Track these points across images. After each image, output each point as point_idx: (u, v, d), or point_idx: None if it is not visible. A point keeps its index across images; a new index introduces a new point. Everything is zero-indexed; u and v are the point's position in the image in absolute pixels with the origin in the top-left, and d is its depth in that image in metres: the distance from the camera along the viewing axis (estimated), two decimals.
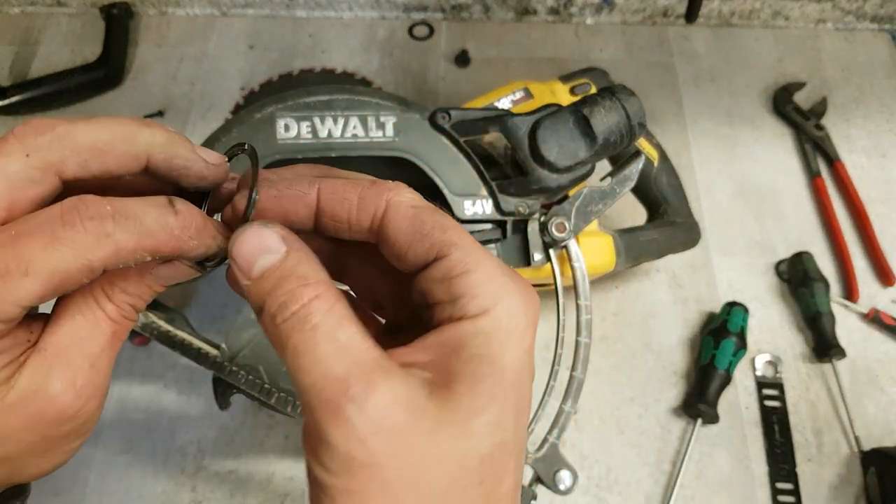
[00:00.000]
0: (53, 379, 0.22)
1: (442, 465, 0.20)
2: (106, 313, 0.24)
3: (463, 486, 0.20)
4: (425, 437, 0.19)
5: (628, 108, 0.45)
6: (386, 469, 0.19)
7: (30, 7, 0.88)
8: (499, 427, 0.20)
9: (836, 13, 0.85)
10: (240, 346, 0.44)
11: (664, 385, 0.63)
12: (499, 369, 0.21)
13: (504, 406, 0.21)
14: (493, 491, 0.21)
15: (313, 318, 0.20)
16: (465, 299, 0.21)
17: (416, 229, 0.22)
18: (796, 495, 0.58)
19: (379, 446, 0.19)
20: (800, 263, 0.67)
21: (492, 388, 0.20)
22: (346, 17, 0.88)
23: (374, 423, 0.19)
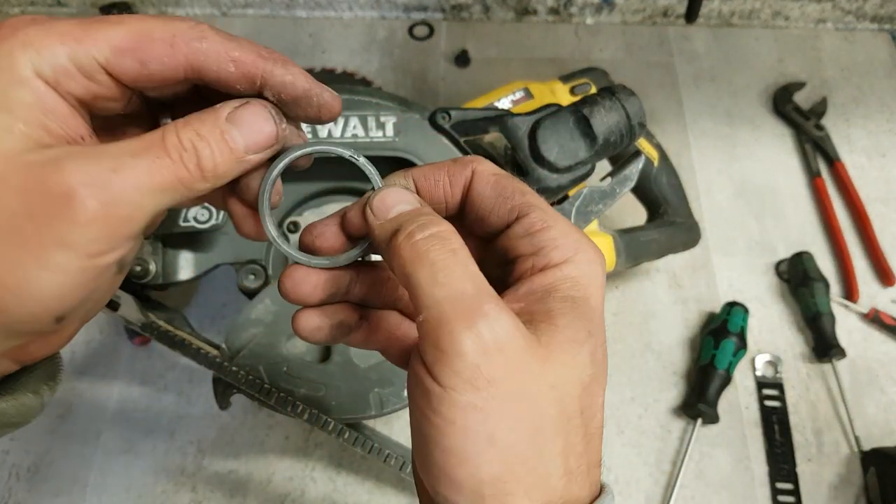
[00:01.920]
0: (71, 160, 0.21)
1: (554, 390, 0.21)
2: (167, 149, 0.22)
3: (569, 414, 0.22)
4: (540, 362, 0.21)
5: (628, 108, 0.45)
6: (507, 385, 0.20)
7: (30, 7, 0.88)
8: (594, 359, 0.22)
9: (836, 13, 0.85)
10: (240, 346, 0.44)
11: (664, 385, 0.63)
12: (591, 308, 0.23)
13: (597, 340, 0.23)
14: (590, 423, 0.23)
15: (453, 243, 0.22)
16: (548, 249, 0.23)
17: (498, 193, 0.25)
18: (796, 495, 0.58)
19: (502, 363, 0.20)
20: (800, 263, 0.67)
21: (589, 324, 0.22)
22: (346, 16, 0.88)
23: (499, 341, 0.20)
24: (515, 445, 0.20)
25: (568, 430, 0.21)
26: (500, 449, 0.20)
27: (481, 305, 0.21)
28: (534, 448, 0.21)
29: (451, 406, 0.20)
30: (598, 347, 0.23)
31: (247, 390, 0.44)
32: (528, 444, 0.20)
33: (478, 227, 0.26)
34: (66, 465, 0.59)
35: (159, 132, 0.22)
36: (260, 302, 0.45)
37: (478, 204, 0.25)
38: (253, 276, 0.47)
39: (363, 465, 0.59)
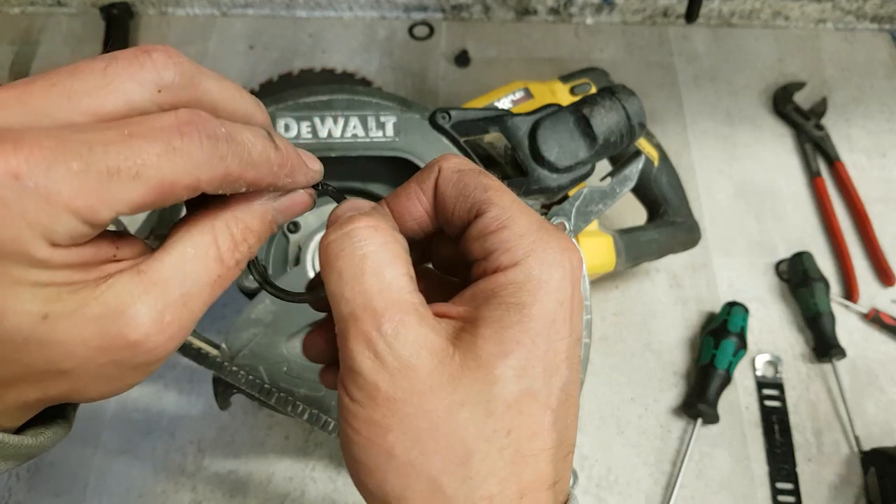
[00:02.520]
0: (143, 305, 0.20)
1: (464, 408, 0.20)
2: (220, 252, 0.22)
3: (489, 432, 0.20)
4: (449, 380, 0.20)
5: (628, 108, 0.45)
6: (407, 405, 0.20)
7: (30, 7, 0.88)
8: (525, 374, 0.20)
9: (836, 13, 0.85)
10: (240, 346, 0.44)
11: (664, 385, 0.63)
12: (526, 316, 0.21)
13: (531, 353, 0.20)
14: (524, 445, 0.21)
15: (366, 245, 0.21)
16: (498, 253, 0.22)
17: (459, 191, 0.23)
18: (796, 495, 0.58)
19: (403, 382, 0.20)
20: (800, 263, 0.67)
21: (517, 335, 0.20)
22: (346, 16, 0.88)
23: (399, 359, 0.20)
24: (417, 463, 0.20)
25: (487, 451, 0.20)
26: (401, 464, 0.20)
27: (381, 323, 0.20)
28: (439, 468, 0.20)
29: (355, 418, 0.20)
30: (536, 359, 0.21)
31: (247, 390, 0.44)
32: (433, 463, 0.20)
33: (447, 227, 0.24)
34: (66, 465, 0.59)
35: (212, 239, 0.21)
36: (260, 302, 0.45)
37: (442, 204, 0.24)
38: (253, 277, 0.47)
39: None
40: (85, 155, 0.18)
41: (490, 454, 0.20)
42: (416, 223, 0.24)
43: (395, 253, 0.21)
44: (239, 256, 0.22)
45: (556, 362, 0.21)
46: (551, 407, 0.21)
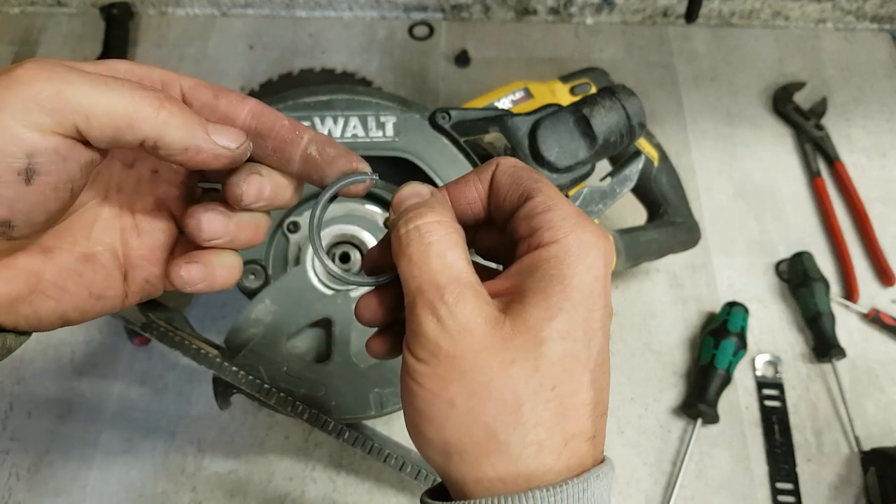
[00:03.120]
0: None
1: (515, 364, 0.23)
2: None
3: (536, 387, 0.23)
4: (501, 341, 0.23)
5: (628, 108, 0.45)
6: (465, 362, 0.23)
7: (30, 7, 0.88)
8: (568, 336, 0.23)
9: (836, 13, 0.85)
10: (240, 346, 0.44)
11: (664, 385, 0.63)
12: (567, 286, 0.23)
13: (573, 318, 0.23)
14: (567, 399, 0.23)
15: (431, 235, 0.24)
16: (542, 230, 0.24)
17: (513, 180, 0.26)
18: (796, 495, 0.58)
19: (461, 342, 0.23)
20: (800, 263, 0.67)
21: (560, 302, 0.23)
22: (346, 16, 0.88)
23: (458, 323, 0.23)
24: (474, 412, 0.22)
25: (535, 402, 0.22)
26: (460, 413, 0.23)
27: (443, 294, 0.23)
28: (493, 416, 0.22)
29: (420, 374, 0.23)
30: (577, 323, 0.23)
31: (247, 390, 0.44)
32: (488, 412, 0.22)
33: (498, 214, 0.27)
34: (67, 465, 0.59)
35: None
36: (260, 302, 0.45)
37: (496, 192, 0.27)
38: (253, 276, 0.47)
39: (363, 465, 0.59)
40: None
41: (538, 405, 0.23)
42: (469, 207, 0.27)
43: (454, 241, 0.25)
44: (167, 109, 0.24)
45: (593, 329, 0.24)
46: (590, 367, 0.23)
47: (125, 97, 0.23)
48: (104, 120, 0.23)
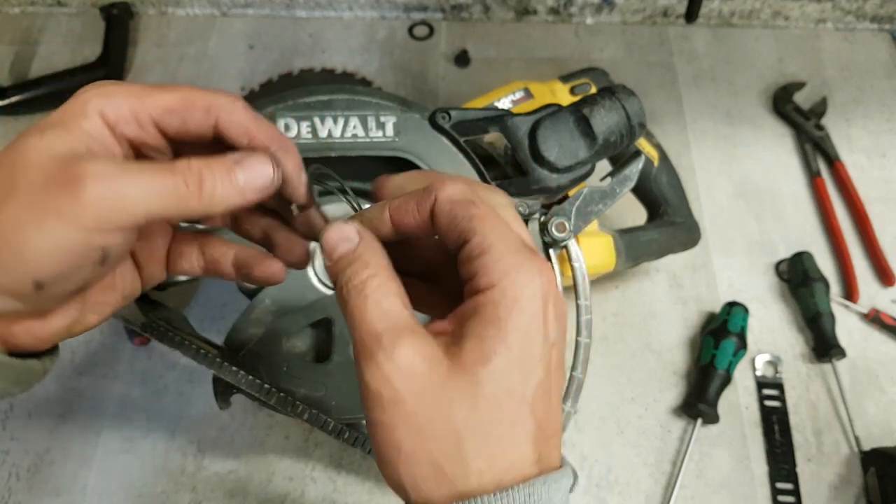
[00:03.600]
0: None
1: (454, 403, 0.24)
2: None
3: (475, 423, 0.24)
4: (440, 381, 0.24)
5: (628, 108, 0.45)
6: (408, 404, 0.24)
7: (30, 7, 0.88)
8: (503, 376, 0.25)
9: (836, 13, 0.85)
10: (240, 346, 0.44)
11: (664, 385, 0.63)
12: (500, 330, 0.25)
13: (507, 359, 0.25)
14: (506, 431, 0.25)
15: (366, 290, 0.26)
16: (479, 276, 0.26)
17: (449, 221, 0.27)
18: (796, 495, 0.58)
19: (401, 386, 0.24)
20: (800, 263, 0.67)
21: (494, 346, 0.25)
22: (346, 16, 0.88)
23: (397, 368, 0.24)
24: (420, 452, 0.24)
25: (474, 437, 0.24)
26: (408, 455, 0.24)
27: (381, 340, 0.25)
28: (438, 453, 0.24)
29: (372, 424, 0.25)
30: (512, 363, 0.25)
31: (247, 390, 0.44)
32: (433, 450, 0.24)
33: (450, 250, 0.28)
34: (66, 465, 0.59)
35: (173, 160, 0.27)
36: (260, 302, 0.45)
37: (438, 229, 0.28)
38: None
39: (363, 465, 0.59)
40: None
41: (477, 439, 0.24)
42: (411, 229, 0.28)
43: (389, 290, 0.26)
44: (195, 181, 0.27)
45: (530, 365, 0.25)
46: (527, 402, 0.25)
47: (174, 193, 0.26)
48: (159, 216, 0.26)
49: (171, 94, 0.28)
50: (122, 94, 0.28)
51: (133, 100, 0.28)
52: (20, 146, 0.25)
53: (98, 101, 0.27)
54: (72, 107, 0.27)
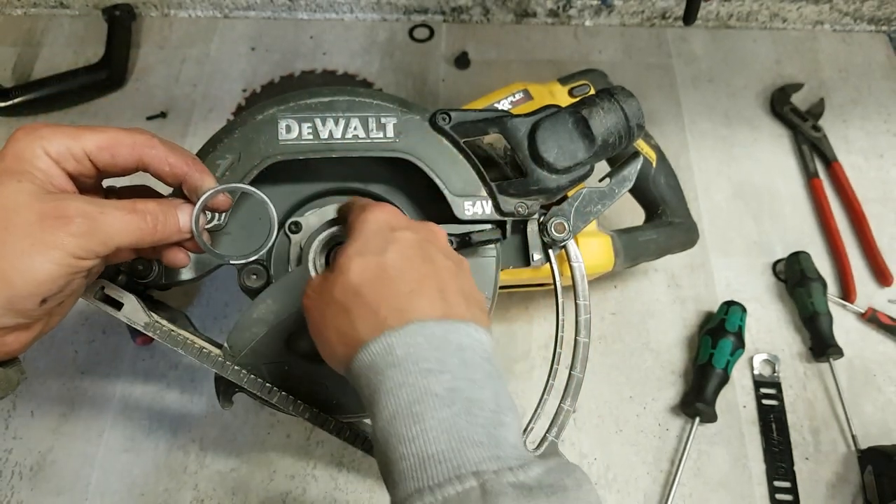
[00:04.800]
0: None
1: (334, 294, 0.35)
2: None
3: (348, 306, 0.34)
4: (325, 279, 0.36)
5: (627, 109, 0.45)
6: (315, 306, 0.37)
7: (32, 9, 0.88)
8: (356, 251, 0.35)
9: (833, 15, 0.86)
10: (242, 346, 0.44)
11: (662, 384, 0.64)
12: (349, 240, 0.37)
13: (359, 244, 0.36)
14: (378, 305, 0.34)
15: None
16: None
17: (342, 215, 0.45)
18: (794, 493, 0.58)
19: (308, 302, 0.37)
20: (797, 263, 0.67)
21: (347, 248, 0.36)
22: (347, 19, 0.88)
23: (311, 287, 0.38)
24: (332, 329, 0.35)
25: (354, 306, 0.34)
26: (328, 332, 0.36)
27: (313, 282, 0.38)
28: (340, 323, 0.34)
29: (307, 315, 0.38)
30: (367, 240, 0.36)
31: (249, 389, 0.44)
32: (338, 323, 0.35)
33: None
34: (69, 463, 0.59)
35: (132, 201, 0.35)
36: (262, 302, 0.45)
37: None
38: (255, 276, 0.48)
39: (364, 464, 0.59)
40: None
41: (354, 302, 0.34)
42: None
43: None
44: (153, 221, 0.36)
45: (380, 246, 0.35)
46: (385, 266, 0.35)
47: (138, 229, 0.35)
48: (127, 245, 0.35)
49: (100, 134, 0.35)
50: (57, 136, 0.34)
51: (68, 139, 0.34)
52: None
53: (40, 143, 0.33)
54: (19, 152, 0.33)
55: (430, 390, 0.30)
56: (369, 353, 0.32)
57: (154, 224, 0.36)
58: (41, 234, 0.31)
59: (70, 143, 0.34)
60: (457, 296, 0.35)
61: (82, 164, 0.35)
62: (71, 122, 0.79)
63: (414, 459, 0.29)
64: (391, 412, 0.30)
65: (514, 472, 0.28)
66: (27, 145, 0.33)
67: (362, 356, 0.33)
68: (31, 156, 0.33)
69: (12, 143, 0.33)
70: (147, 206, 0.35)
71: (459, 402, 0.30)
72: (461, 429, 0.29)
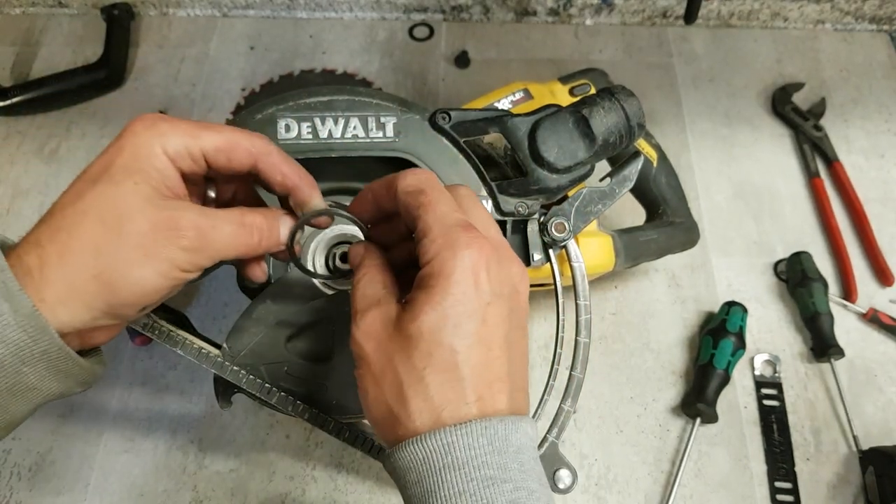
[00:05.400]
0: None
1: (396, 354, 0.30)
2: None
3: (411, 368, 0.30)
4: (388, 339, 0.30)
5: (627, 108, 0.45)
6: (369, 358, 0.31)
7: (31, 8, 0.88)
8: (432, 329, 0.30)
9: (834, 14, 0.86)
10: (241, 346, 0.44)
11: (663, 384, 0.63)
12: (431, 295, 0.30)
13: (435, 317, 0.30)
14: (438, 376, 0.30)
15: (358, 284, 0.33)
16: (422, 253, 0.31)
17: (405, 208, 0.33)
18: (795, 494, 0.58)
19: (364, 344, 0.31)
20: (798, 263, 0.67)
21: (422, 306, 0.30)
22: (346, 18, 0.88)
23: (363, 331, 0.31)
24: (377, 396, 0.30)
25: (411, 381, 0.30)
26: (371, 399, 0.31)
27: (356, 315, 0.32)
28: (390, 397, 0.30)
29: (356, 378, 0.32)
30: (441, 321, 0.29)
31: (248, 390, 0.44)
32: (386, 394, 0.30)
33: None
34: (68, 464, 0.59)
35: (240, 212, 0.34)
36: (261, 302, 0.45)
37: (402, 217, 0.34)
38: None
39: (364, 464, 0.59)
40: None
41: (412, 383, 0.29)
42: (386, 208, 0.35)
43: (373, 278, 0.33)
44: (257, 236, 0.35)
45: (458, 321, 0.29)
46: (456, 350, 0.29)
47: (244, 243, 0.34)
48: (229, 258, 0.34)
49: (218, 135, 0.33)
50: (177, 134, 0.32)
51: (188, 138, 0.33)
52: (114, 193, 0.31)
53: (160, 141, 0.32)
54: (137, 149, 0.32)
55: (493, 502, 0.28)
56: (425, 447, 0.28)
57: (259, 239, 0.35)
58: (153, 245, 0.31)
59: (189, 143, 0.32)
60: (523, 384, 0.32)
61: (197, 164, 0.33)
62: (70, 121, 0.79)
63: None
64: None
65: None
66: (146, 141, 0.32)
67: (416, 448, 0.29)
68: (148, 153, 0.32)
69: (131, 136, 0.32)
70: (255, 220, 0.34)
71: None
72: None
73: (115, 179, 0.31)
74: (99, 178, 0.31)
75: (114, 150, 0.32)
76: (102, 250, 0.30)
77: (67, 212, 0.31)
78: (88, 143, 0.77)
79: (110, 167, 0.31)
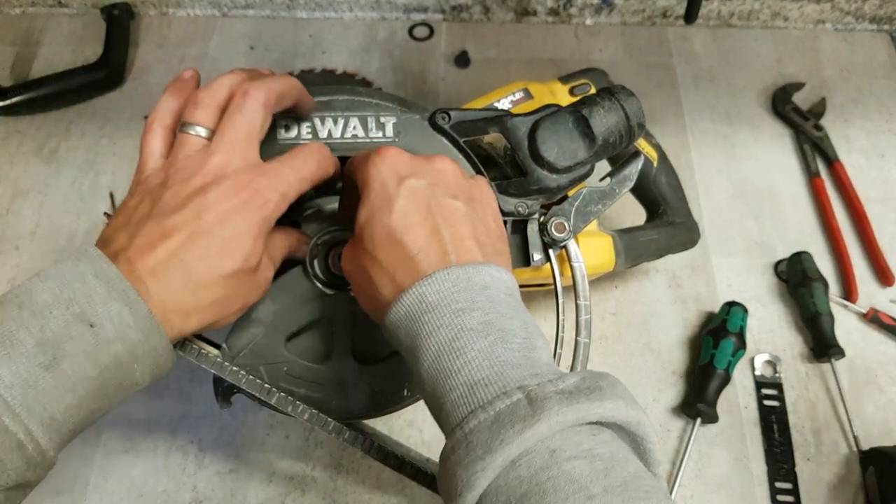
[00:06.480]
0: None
1: (359, 261, 0.37)
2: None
3: (370, 272, 0.37)
4: (354, 246, 0.38)
5: (627, 108, 0.45)
6: (350, 272, 0.39)
7: (31, 8, 0.88)
8: (368, 216, 0.37)
9: (835, 14, 0.86)
10: (240, 346, 0.44)
11: (663, 385, 0.63)
12: (362, 200, 0.37)
13: (367, 208, 0.37)
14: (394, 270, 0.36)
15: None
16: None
17: (349, 182, 0.41)
18: (795, 494, 0.58)
19: (346, 267, 0.40)
20: (799, 263, 0.67)
21: (360, 208, 0.37)
22: (346, 17, 0.88)
23: (342, 261, 0.40)
24: (363, 293, 0.38)
25: (377, 257, 0.36)
26: (362, 298, 0.39)
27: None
28: (368, 286, 0.37)
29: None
30: (374, 203, 0.37)
31: (247, 390, 0.44)
32: (367, 287, 0.37)
33: None
34: (67, 464, 0.59)
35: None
36: (260, 302, 0.45)
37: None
38: None
39: (363, 465, 0.59)
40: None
41: (372, 265, 0.36)
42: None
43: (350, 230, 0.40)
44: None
45: (384, 203, 0.36)
46: (389, 224, 0.36)
47: (295, 245, 0.45)
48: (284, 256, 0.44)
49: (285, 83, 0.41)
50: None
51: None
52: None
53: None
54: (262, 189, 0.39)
55: (466, 326, 0.33)
56: (403, 305, 0.34)
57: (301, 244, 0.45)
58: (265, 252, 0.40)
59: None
60: (469, 241, 0.36)
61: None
62: (69, 121, 0.79)
63: (463, 388, 0.31)
64: (434, 352, 0.33)
65: (553, 382, 0.31)
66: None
67: (396, 310, 0.34)
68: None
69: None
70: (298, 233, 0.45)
71: (494, 332, 0.33)
72: (499, 355, 0.32)
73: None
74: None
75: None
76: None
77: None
78: (88, 142, 0.77)
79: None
